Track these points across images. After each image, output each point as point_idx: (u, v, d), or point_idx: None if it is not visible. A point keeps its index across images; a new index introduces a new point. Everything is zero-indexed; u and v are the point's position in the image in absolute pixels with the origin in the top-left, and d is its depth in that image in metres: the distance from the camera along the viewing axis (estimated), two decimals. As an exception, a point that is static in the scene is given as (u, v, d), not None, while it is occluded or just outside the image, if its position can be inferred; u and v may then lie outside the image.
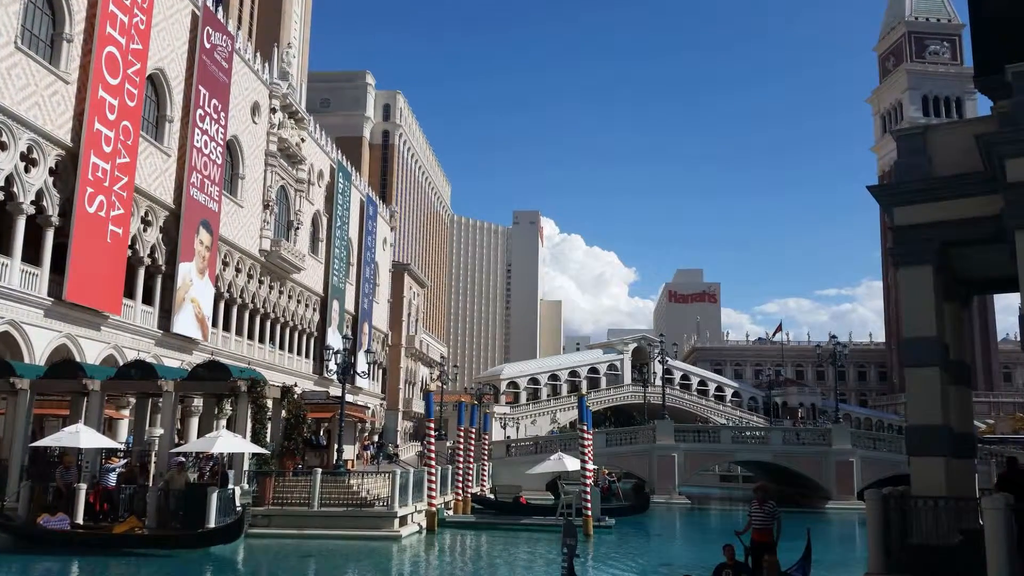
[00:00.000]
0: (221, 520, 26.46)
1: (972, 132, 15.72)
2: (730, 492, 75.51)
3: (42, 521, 25.81)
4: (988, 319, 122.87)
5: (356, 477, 33.39)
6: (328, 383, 63.98)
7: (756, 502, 17.58)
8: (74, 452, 28.49)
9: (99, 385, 29.82)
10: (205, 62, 47.26)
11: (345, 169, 74.37)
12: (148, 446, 33.21)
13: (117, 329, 39.36)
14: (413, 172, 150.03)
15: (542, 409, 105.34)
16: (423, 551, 30.65)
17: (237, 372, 31.55)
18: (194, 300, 45.80)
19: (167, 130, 44.51)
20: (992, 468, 43.84)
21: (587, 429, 38.59)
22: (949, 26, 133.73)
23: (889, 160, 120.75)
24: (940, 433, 16.01)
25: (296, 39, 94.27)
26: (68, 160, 35.89)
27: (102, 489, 28.08)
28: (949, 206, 16.29)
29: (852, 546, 36.76)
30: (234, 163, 53.38)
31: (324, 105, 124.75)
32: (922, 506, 15.16)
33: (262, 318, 57.54)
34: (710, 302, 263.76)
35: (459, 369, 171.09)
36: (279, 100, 58.69)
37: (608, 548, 33.00)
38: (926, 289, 16.52)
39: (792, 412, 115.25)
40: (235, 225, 52.56)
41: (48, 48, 35.47)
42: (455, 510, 41.34)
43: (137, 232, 41.36)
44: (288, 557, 27.08)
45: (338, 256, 70.92)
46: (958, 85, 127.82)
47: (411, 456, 63.53)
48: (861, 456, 57.21)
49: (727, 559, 16.53)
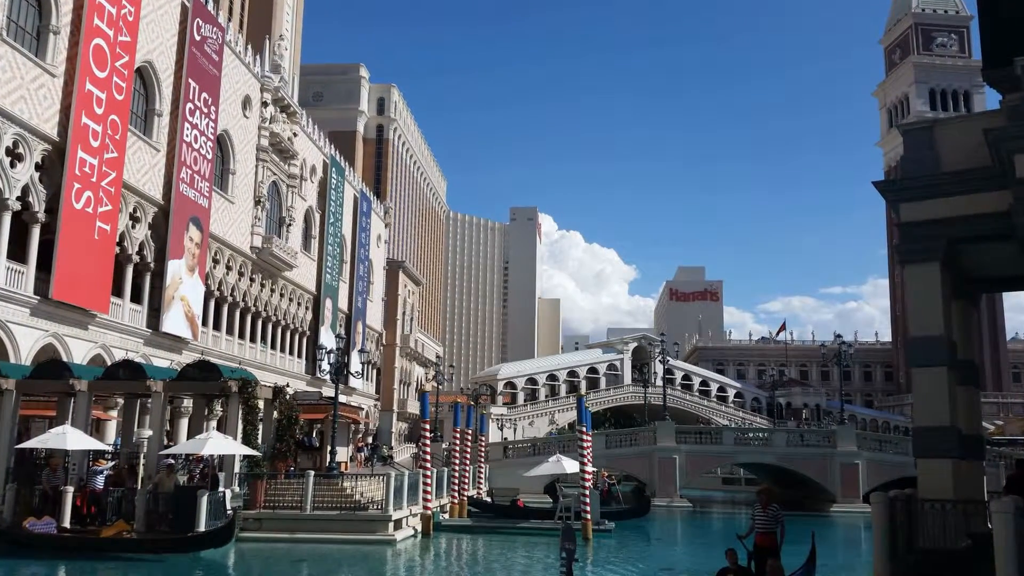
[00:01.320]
0: (211, 524, 26.41)
1: (980, 126, 15.75)
2: (733, 495, 75.58)
3: (28, 525, 25.76)
4: (997, 318, 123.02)
5: (350, 480, 33.37)
6: (321, 383, 63.96)
7: (759, 505, 17.59)
8: (61, 454, 28.40)
9: (86, 385, 29.77)
10: (195, 55, 47.19)
11: (338, 164, 74.33)
12: (136, 448, 33.06)
13: (105, 328, 39.32)
14: (408, 167, 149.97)
15: (540, 410, 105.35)
16: (418, 555, 30.64)
17: (228, 372, 31.50)
18: (184, 298, 45.76)
19: (156, 124, 44.45)
20: (1001, 470, 43.88)
21: (586, 430, 38.58)
22: (957, 18, 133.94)
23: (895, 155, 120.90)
24: (948, 434, 16.04)
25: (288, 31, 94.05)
26: (55, 155, 35.83)
27: (89, 492, 28.03)
28: (957, 202, 16.32)
29: (858, 550, 36.79)
30: (224, 158, 53.32)
31: (317, 99, 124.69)
32: (929, 509, 15.19)
33: (253, 317, 57.51)
34: (712, 300, 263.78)
35: (455, 369, 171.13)
36: (271, 93, 58.63)
37: (608, 552, 33.01)
38: (933, 287, 16.56)
39: (796, 413, 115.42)
40: (226, 222, 52.50)
41: (34, 40, 35.39)
42: (451, 513, 41.33)
43: (125, 229, 41.31)
44: (280, 561, 27.06)
45: (331, 253, 70.91)
46: (966, 78, 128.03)
47: (406, 458, 63.52)
48: (867, 458, 57.28)
49: (730, 564, 16.54)
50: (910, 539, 15.30)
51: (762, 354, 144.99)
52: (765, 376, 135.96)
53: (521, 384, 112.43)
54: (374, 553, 28.95)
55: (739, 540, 17.44)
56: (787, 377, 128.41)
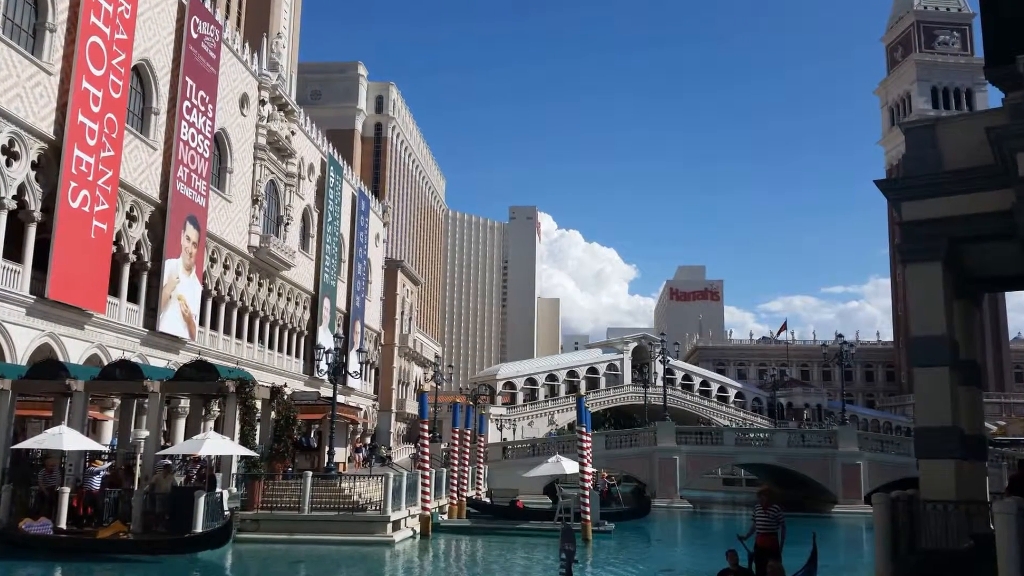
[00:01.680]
0: (208, 525, 26.42)
1: (983, 125, 15.74)
2: (733, 496, 75.63)
3: (24, 526, 25.76)
4: (999, 317, 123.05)
5: (348, 480, 33.40)
6: (319, 383, 63.94)
7: (760, 506, 17.61)
8: (57, 455, 28.41)
9: (83, 385, 29.78)
10: (192, 52, 47.18)
11: (336, 163, 74.32)
12: (133, 448, 33.15)
13: (101, 328, 39.30)
14: (407, 166, 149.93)
15: (539, 410, 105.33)
16: (417, 557, 30.65)
17: (225, 372, 31.52)
18: (181, 298, 45.74)
19: (153, 123, 44.44)
20: (1003, 471, 43.91)
21: (586, 431, 38.62)
22: (959, 15, 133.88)
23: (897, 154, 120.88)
24: (950, 435, 16.05)
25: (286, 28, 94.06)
26: (51, 154, 35.81)
27: (86, 493, 28.04)
28: (959, 201, 16.33)
29: (859, 551, 36.79)
30: (222, 157, 53.30)
31: (315, 97, 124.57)
32: (931, 510, 15.19)
33: (251, 316, 57.49)
34: (713, 300, 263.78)
35: (454, 369, 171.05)
36: (268, 92, 58.61)
37: (608, 554, 33.03)
38: (935, 286, 16.56)
39: (797, 413, 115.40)
40: (223, 220, 52.49)
41: (30, 38, 35.37)
42: (450, 514, 41.33)
43: (122, 228, 41.30)
44: (278, 563, 27.06)
45: (329, 253, 70.89)
46: (968, 76, 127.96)
47: (404, 459, 63.54)
48: (868, 459, 57.31)
49: (730, 565, 16.55)
50: (912, 540, 15.31)
51: (763, 354, 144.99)
52: (766, 376, 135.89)
53: (520, 384, 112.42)
54: (372, 554, 28.96)
55: (740, 541, 17.45)
56: (788, 377, 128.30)
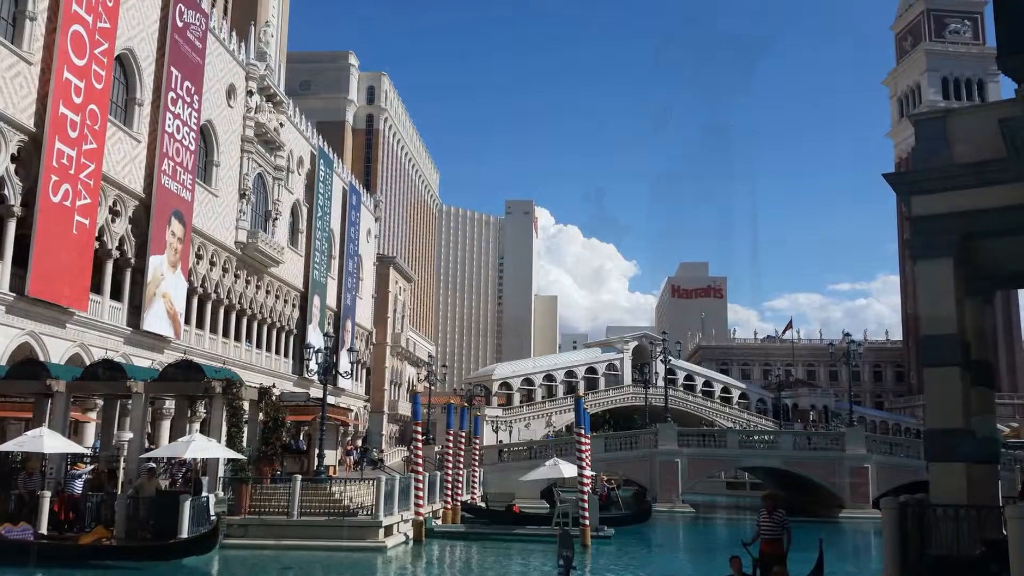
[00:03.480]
0: (194, 530, 26.40)
1: (995, 116, 15.74)
2: (737, 500, 75.77)
3: (3, 531, 25.68)
4: (1012, 316, 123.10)
5: (338, 484, 33.38)
6: (309, 384, 63.90)
7: (765, 511, 17.63)
8: (37, 457, 28.38)
9: (64, 386, 29.72)
10: (177, 42, 47.07)
11: (327, 156, 74.24)
12: (116, 451, 33.09)
13: (83, 326, 39.22)
14: (399, 159, 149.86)
15: (537, 412, 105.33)
16: (409, 563, 30.68)
17: (211, 372, 31.48)
18: (165, 295, 45.67)
19: (137, 114, 44.34)
20: (1016, 475, 44.10)
21: (584, 433, 38.59)
22: (970, 3, 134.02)
23: (907, 146, 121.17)
24: (961, 437, 16.06)
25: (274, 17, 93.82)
26: (31, 146, 35.70)
27: (67, 497, 27.99)
28: (971, 195, 16.33)
29: (867, 557, 36.90)
30: (208, 149, 53.21)
31: (304, 87, 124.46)
32: (942, 515, 15.20)
33: (238, 314, 57.42)
34: (716, 297, 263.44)
35: (448, 369, 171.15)
36: (256, 82, 58.51)
37: (607, 560, 33.06)
38: (946, 283, 16.57)
39: (803, 415, 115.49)
40: (209, 215, 52.41)
41: (9, 26, 35.24)
42: (444, 519, 41.35)
43: (105, 223, 41.19)
44: (266, 569, 27.08)
45: (319, 249, 70.82)
46: (980, 66, 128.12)
47: (397, 462, 63.56)
48: (877, 462, 57.39)
49: (734, 572, 16.55)
50: (922, 546, 15.32)
51: (768, 353, 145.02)
52: (771, 376, 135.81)
53: (517, 385, 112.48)
54: (364, 560, 28.98)
55: (744, 547, 17.47)
56: (794, 377, 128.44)
